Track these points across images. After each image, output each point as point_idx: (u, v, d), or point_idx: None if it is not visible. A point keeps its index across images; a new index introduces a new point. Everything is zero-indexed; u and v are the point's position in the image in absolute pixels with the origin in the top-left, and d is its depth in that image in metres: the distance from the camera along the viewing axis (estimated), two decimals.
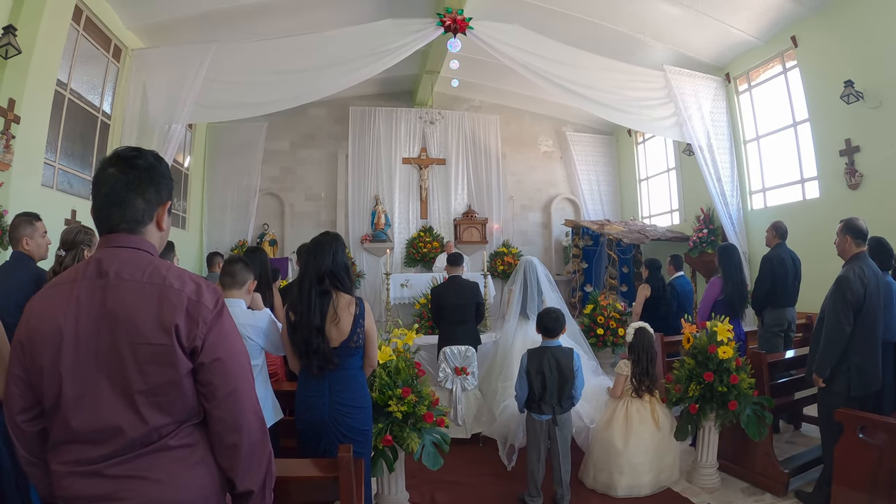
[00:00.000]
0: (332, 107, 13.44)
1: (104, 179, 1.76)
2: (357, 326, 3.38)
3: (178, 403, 1.68)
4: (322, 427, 3.30)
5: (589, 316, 8.74)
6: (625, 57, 10.13)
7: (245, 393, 1.79)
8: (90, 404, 1.60)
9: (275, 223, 13.27)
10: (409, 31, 8.85)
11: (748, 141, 10.75)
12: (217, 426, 1.74)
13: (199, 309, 1.70)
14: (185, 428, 1.70)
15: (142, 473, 1.61)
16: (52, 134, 7.21)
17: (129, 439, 1.61)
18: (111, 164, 1.78)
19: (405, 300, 10.74)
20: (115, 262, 1.70)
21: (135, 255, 1.74)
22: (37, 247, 4.11)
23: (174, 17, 9.07)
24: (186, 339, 1.66)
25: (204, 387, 1.71)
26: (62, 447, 1.63)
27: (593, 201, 14.62)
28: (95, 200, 1.78)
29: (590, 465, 5.05)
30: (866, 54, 7.89)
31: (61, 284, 1.72)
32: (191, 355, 1.68)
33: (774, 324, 6.30)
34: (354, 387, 3.40)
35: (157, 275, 1.71)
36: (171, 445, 1.66)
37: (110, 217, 1.76)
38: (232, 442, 1.74)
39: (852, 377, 4.14)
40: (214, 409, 1.72)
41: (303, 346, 3.32)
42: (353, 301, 3.44)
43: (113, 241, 1.75)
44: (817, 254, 6.98)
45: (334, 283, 3.41)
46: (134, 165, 1.78)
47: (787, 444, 5.88)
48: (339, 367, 3.33)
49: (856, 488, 3.77)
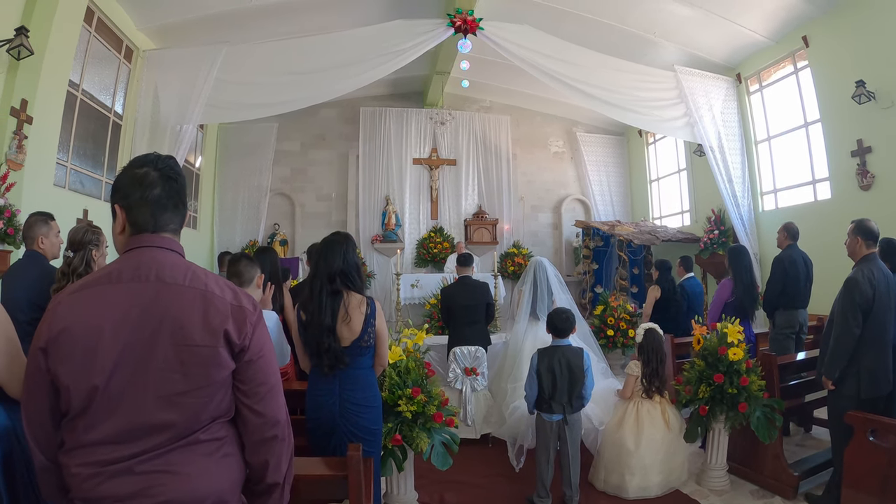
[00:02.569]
0: (343, 107, 13.48)
1: (152, 181, 1.77)
2: (368, 326, 3.40)
3: (215, 402, 1.72)
4: (332, 426, 3.32)
5: (599, 317, 8.75)
6: (635, 57, 10.11)
7: (280, 388, 1.88)
8: (127, 405, 1.61)
9: (285, 223, 13.32)
10: (420, 31, 8.87)
11: (759, 141, 10.68)
12: (257, 420, 1.80)
13: (244, 313, 1.77)
14: (216, 423, 1.75)
15: (172, 468, 1.63)
16: (64, 134, 7.26)
17: (164, 438, 1.63)
18: (154, 167, 1.80)
19: (415, 300, 10.77)
20: (155, 265, 1.72)
21: (173, 258, 1.78)
22: (51, 246, 4.16)
23: (186, 19, 9.11)
24: (237, 341, 1.73)
25: (246, 384, 1.78)
26: (86, 449, 1.60)
27: (604, 202, 14.56)
28: (143, 199, 1.77)
29: (600, 467, 5.04)
30: (878, 54, 7.83)
31: (94, 286, 1.70)
32: (237, 355, 1.74)
33: (786, 325, 6.27)
34: (364, 386, 3.41)
35: (197, 279, 1.75)
36: (201, 440, 1.70)
37: (160, 218, 1.79)
38: (271, 435, 1.82)
39: (862, 380, 4.12)
40: (256, 405, 1.79)
41: (314, 346, 3.34)
42: (365, 301, 3.45)
43: (154, 241, 1.78)
44: (829, 255, 6.92)
45: (345, 282, 3.42)
46: (179, 173, 1.85)
47: (797, 446, 5.86)
48: (349, 366, 3.34)
49: (866, 491, 3.75)
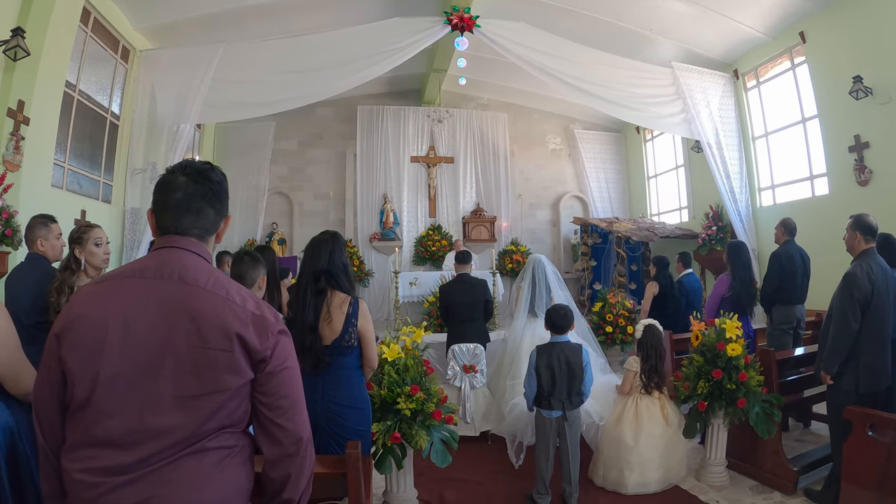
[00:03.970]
0: (340, 106, 13.50)
1: (177, 185, 1.78)
2: (349, 325, 3.39)
3: (227, 410, 1.67)
4: (314, 426, 3.31)
5: (598, 314, 8.74)
6: (632, 54, 10.13)
7: (303, 404, 1.83)
8: (134, 402, 1.57)
9: (284, 222, 13.35)
10: (417, 29, 8.89)
11: (757, 137, 10.71)
12: (278, 434, 1.75)
13: (265, 322, 1.72)
14: (225, 432, 1.69)
15: (176, 479, 1.57)
16: (61, 135, 7.27)
17: (170, 443, 1.58)
18: (183, 172, 1.81)
19: (414, 298, 10.81)
20: (178, 266, 1.71)
21: (197, 261, 1.76)
22: (51, 248, 4.15)
23: (182, 18, 9.11)
24: (258, 349, 1.69)
25: (268, 396, 1.73)
26: (88, 450, 1.56)
27: (602, 199, 14.59)
28: (165, 203, 1.79)
29: (599, 463, 5.04)
30: (875, 49, 7.84)
31: (118, 278, 1.71)
32: (257, 365, 1.70)
33: (783, 321, 6.26)
34: (348, 387, 3.40)
35: (219, 286, 1.72)
36: (208, 448, 1.64)
37: (181, 222, 1.79)
38: (293, 451, 1.77)
39: (861, 375, 4.11)
40: (278, 418, 1.74)
41: (297, 345, 3.34)
42: (347, 300, 3.44)
43: (180, 242, 1.77)
44: (826, 251, 6.94)
45: (330, 282, 3.44)
46: (208, 177, 1.83)
47: (796, 441, 5.86)
48: (331, 365, 3.35)
49: (865, 486, 3.75)
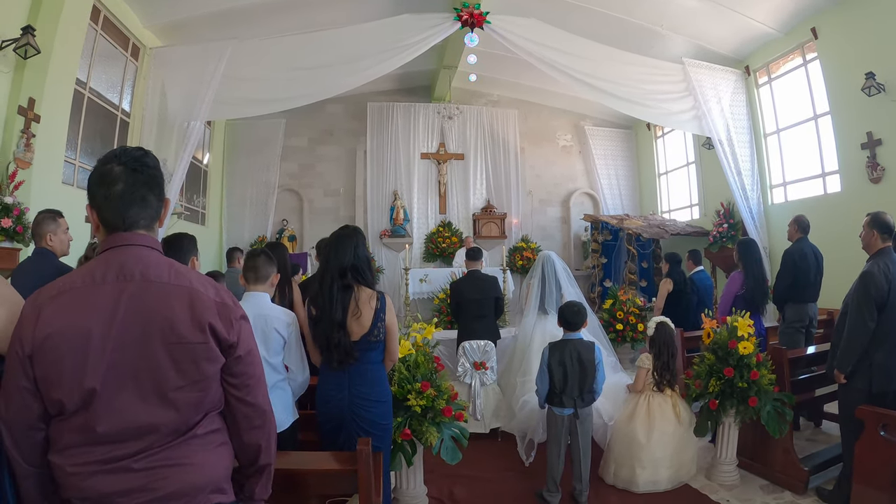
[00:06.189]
0: (350, 103, 13.48)
1: (115, 177, 1.73)
2: (378, 321, 3.40)
3: (209, 397, 1.75)
4: (341, 420, 3.33)
5: (608, 311, 8.71)
6: (643, 50, 10.05)
7: (264, 380, 1.94)
8: (122, 406, 1.61)
9: (294, 219, 13.37)
10: (427, 26, 8.86)
11: (768, 134, 10.62)
12: (247, 411, 1.84)
13: (228, 310, 1.78)
14: (209, 416, 1.78)
15: (172, 462, 1.66)
16: (71, 132, 7.30)
17: (162, 435, 1.65)
18: (118, 161, 1.75)
19: (424, 295, 10.82)
20: (139, 264, 1.71)
21: (153, 255, 1.76)
22: (60, 243, 4.18)
23: (192, 15, 9.14)
24: (225, 337, 1.75)
25: (237, 377, 1.81)
26: (82, 449, 1.60)
27: (612, 196, 14.52)
28: (107, 196, 1.73)
29: (610, 461, 5.03)
30: (888, 46, 7.75)
31: (76, 289, 1.66)
32: (226, 351, 1.76)
33: (796, 319, 6.23)
34: (374, 381, 3.42)
35: (181, 277, 1.75)
36: (198, 434, 1.73)
37: (128, 215, 1.74)
38: (260, 423, 1.88)
39: (874, 374, 4.08)
40: (247, 396, 1.84)
41: (324, 341, 3.35)
42: (375, 295, 3.45)
43: (132, 239, 1.74)
44: (839, 249, 6.89)
45: (356, 277, 3.43)
46: (145, 164, 1.79)
47: (807, 441, 5.83)
48: (359, 360, 3.36)
49: (876, 487, 3.72)
